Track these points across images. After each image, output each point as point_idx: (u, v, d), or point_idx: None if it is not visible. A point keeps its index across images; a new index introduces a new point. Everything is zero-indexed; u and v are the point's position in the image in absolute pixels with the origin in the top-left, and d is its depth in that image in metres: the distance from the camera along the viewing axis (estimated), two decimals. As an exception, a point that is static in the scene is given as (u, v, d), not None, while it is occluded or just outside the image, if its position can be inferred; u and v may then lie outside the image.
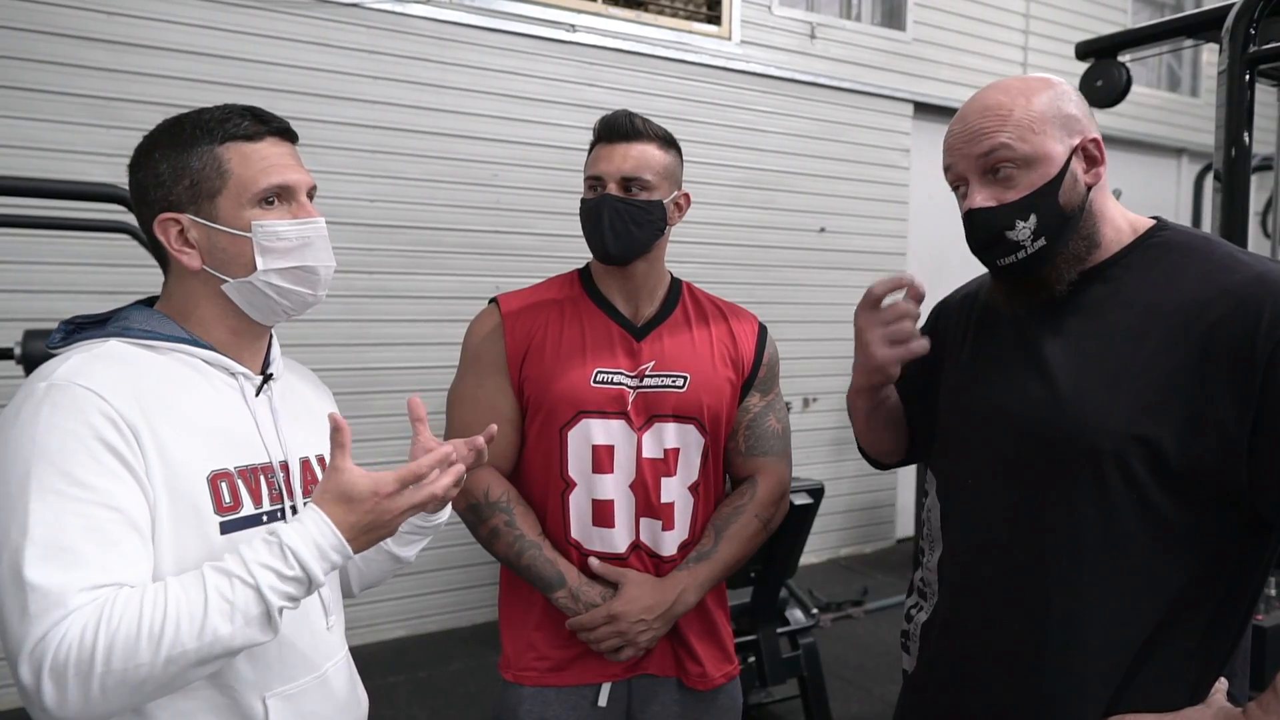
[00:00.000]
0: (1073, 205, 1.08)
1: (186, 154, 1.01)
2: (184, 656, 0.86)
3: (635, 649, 1.45)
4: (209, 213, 1.02)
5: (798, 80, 4.69)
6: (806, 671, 2.87)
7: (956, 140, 1.11)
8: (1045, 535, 1.06)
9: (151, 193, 1.03)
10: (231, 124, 1.03)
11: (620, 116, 1.48)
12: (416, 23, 3.71)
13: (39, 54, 3.07)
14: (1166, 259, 1.08)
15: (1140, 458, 1.00)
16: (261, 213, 1.03)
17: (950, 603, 1.19)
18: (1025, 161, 1.06)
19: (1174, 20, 2.71)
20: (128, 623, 0.85)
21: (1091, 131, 1.09)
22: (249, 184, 1.02)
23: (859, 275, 4.99)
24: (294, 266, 1.05)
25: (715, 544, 1.50)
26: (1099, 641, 1.04)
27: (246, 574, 0.89)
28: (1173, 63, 6.64)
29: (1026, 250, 1.08)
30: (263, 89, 3.42)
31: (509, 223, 3.95)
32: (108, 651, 0.84)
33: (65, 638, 0.84)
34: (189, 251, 1.03)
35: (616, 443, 1.46)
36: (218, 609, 0.87)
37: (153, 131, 1.05)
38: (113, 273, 3.17)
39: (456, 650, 3.69)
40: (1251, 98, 2.25)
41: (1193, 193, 5.75)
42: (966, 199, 1.11)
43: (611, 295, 1.53)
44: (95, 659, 0.83)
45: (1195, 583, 1.02)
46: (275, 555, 0.91)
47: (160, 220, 1.02)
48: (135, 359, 0.98)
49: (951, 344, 1.28)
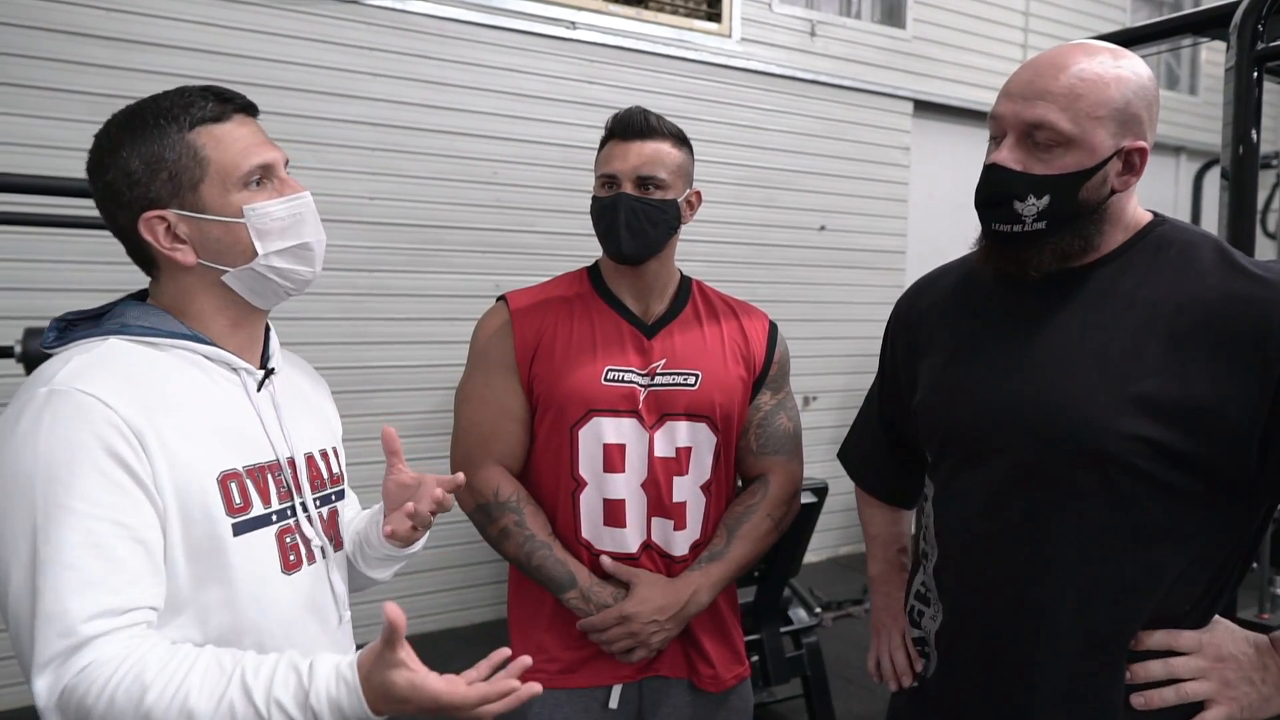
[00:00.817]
0: (1090, 202, 1.05)
1: (156, 145, 0.96)
2: None
3: (647, 650, 1.43)
4: (194, 204, 0.97)
5: (798, 78, 4.68)
6: (810, 671, 2.86)
7: (1015, 89, 1.05)
8: (1054, 537, 1.05)
9: (126, 193, 0.97)
10: (196, 108, 0.97)
11: (635, 113, 1.46)
12: (418, 20, 3.69)
13: (39, 51, 3.05)
14: (1165, 256, 1.07)
15: (1147, 457, 0.99)
16: (249, 195, 0.99)
17: (956, 608, 1.18)
18: (1068, 141, 1.02)
19: (1180, 17, 2.70)
20: (135, 690, 0.83)
21: (1145, 139, 1.05)
22: (231, 168, 0.98)
23: (859, 273, 4.99)
24: (292, 245, 1.02)
25: (727, 544, 1.49)
26: (1107, 631, 1.04)
27: (261, 703, 0.84)
28: (1171, 61, 6.65)
29: (1025, 226, 1.06)
30: (264, 86, 3.40)
31: (510, 220, 3.94)
32: (108, 707, 0.82)
33: (85, 673, 0.82)
34: (181, 248, 0.98)
35: (628, 441, 1.44)
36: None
37: (107, 129, 0.98)
38: (113, 270, 3.12)
39: (457, 650, 3.68)
40: (1259, 95, 2.24)
41: (1191, 190, 5.76)
42: (995, 151, 1.07)
43: (621, 293, 1.52)
44: (95, 712, 0.82)
45: (1195, 561, 1.03)
46: (298, 704, 0.85)
47: (145, 219, 0.97)
48: (137, 358, 0.95)
49: (925, 346, 1.26)
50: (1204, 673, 1.02)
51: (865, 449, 1.46)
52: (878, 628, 1.38)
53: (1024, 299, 1.13)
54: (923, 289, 1.33)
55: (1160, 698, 1.03)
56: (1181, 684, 1.03)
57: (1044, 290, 1.11)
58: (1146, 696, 1.03)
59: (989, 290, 1.19)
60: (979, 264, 1.17)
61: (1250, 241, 2.27)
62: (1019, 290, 1.13)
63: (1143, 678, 1.03)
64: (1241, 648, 1.04)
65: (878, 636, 1.37)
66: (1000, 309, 1.16)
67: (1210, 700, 1.02)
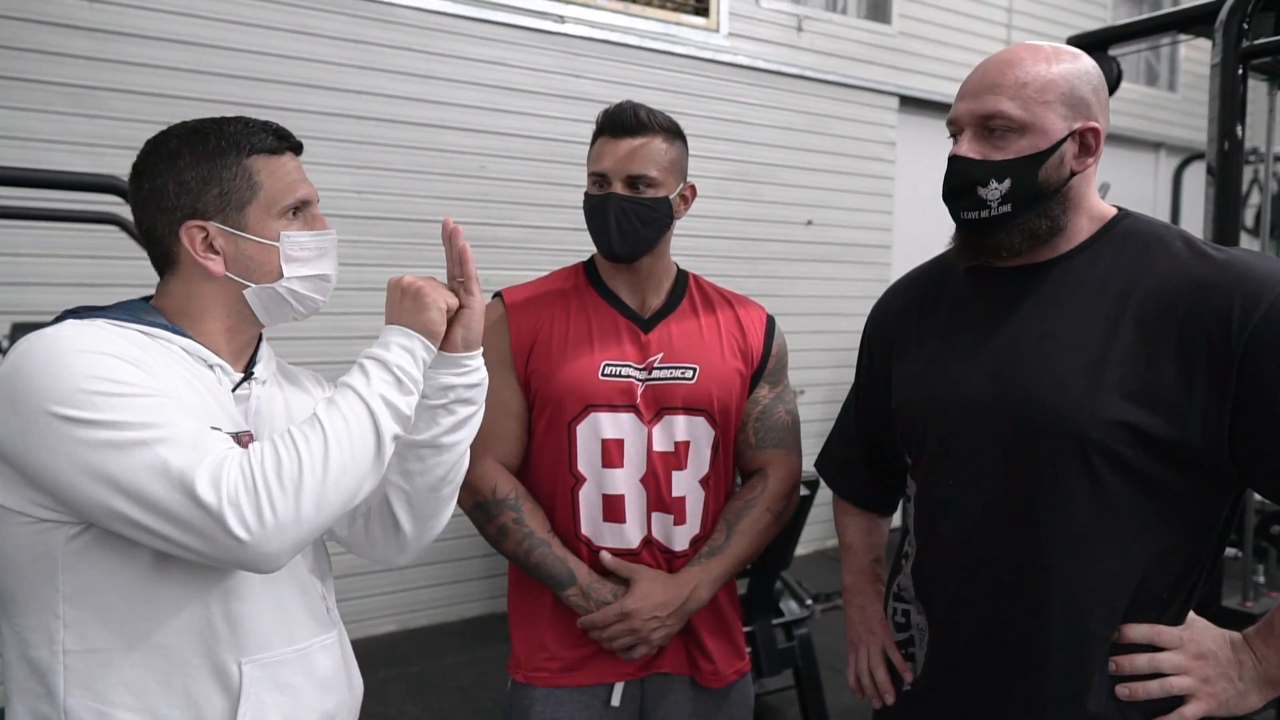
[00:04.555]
0: (1050, 183, 1.09)
1: (215, 164, 1.05)
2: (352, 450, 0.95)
3: (649, 647, 1.43)
4: (237, 222, 1.06)
5: (785, 73, 4.69)
6: (801, 662, 2.88)
7: (968, 89, 1.13)
8: (1039, 526, 1.07)
9: (174, 199, 1.04)
10: (257, 138, 1.08)
11: (625, 109, 1.44)
12: (403, 12, 3.66)
13: (19, 41, 3.00)
14: (1132, 247, 1.09)
15: (1126, 441, 1.02)
16: (287, 223, 1.09)
17: (939, 606, 1.19)
18: (1021, 127, 1.08)
19: (1166, 15, 2.72)
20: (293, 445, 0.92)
21: (1096, 120, 1.10)
22: (278, 197, 1.07)
23: (845, 267, 5.01)
24: (314, 275, 1.11)
25: (728, 538, 1.49)
26: (1100, 622, 1.06)
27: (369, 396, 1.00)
28: (1151, 58, 6.72)
29: (991, 210, 1.11)
30: (246, 78, 3.36)
31: (497, 215, 3.92)
32: (295, 461, 0.90)
33: (244, 460, 0.89)
34: (213, 258, 1.05)
35: (626, 436, 1.44)
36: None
37: (168, 138, 1.06)
38: (99, 264, 3.11)
39: (448, 645, 3.67)
40: (1244, 92, 2.27)
41: (1171, 186, 5.83)
42: (956, 145, 1.13)
43: (617, 288, 1.51)
44: (284, 467, 0.90)
45: (1170, 550, 1.06)
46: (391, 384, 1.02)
47: (187, 227, 1.04)
48: (124, 336, 0.98)
49: (901, 347, 1.29)
50: (1185, 669, 1.06)
51: (842, 457, 1.47)
52: (854, 642, 1.38)
53: (998, 293, 1.16)
54: (897, 292, 1.36)
55: (1144, 690, 1.06)
56: (1165, 678, 1.06)
57: (1017, 284, 1.14)
58: (1131, 688, 1.06)
59: (963, 287, 1.22)
60: (954, 258, 1.20)
61: (1235, 236, 2.30)
62: (992, 285, 1.17)
63: (1128, 669, 1.06)
64: (1219, 645, 1.08)
65: (855, 651, 1.37)
66: (975, 304, 1.19)
67: (1190, 695, 1.06)
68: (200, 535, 0.87)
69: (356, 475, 0.96)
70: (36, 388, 0.88)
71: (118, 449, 0.87)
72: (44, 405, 0.87)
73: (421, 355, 1.06)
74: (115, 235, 2.66)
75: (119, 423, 0.87)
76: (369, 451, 0.97)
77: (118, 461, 0.87)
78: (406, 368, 1.04)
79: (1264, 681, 1.05)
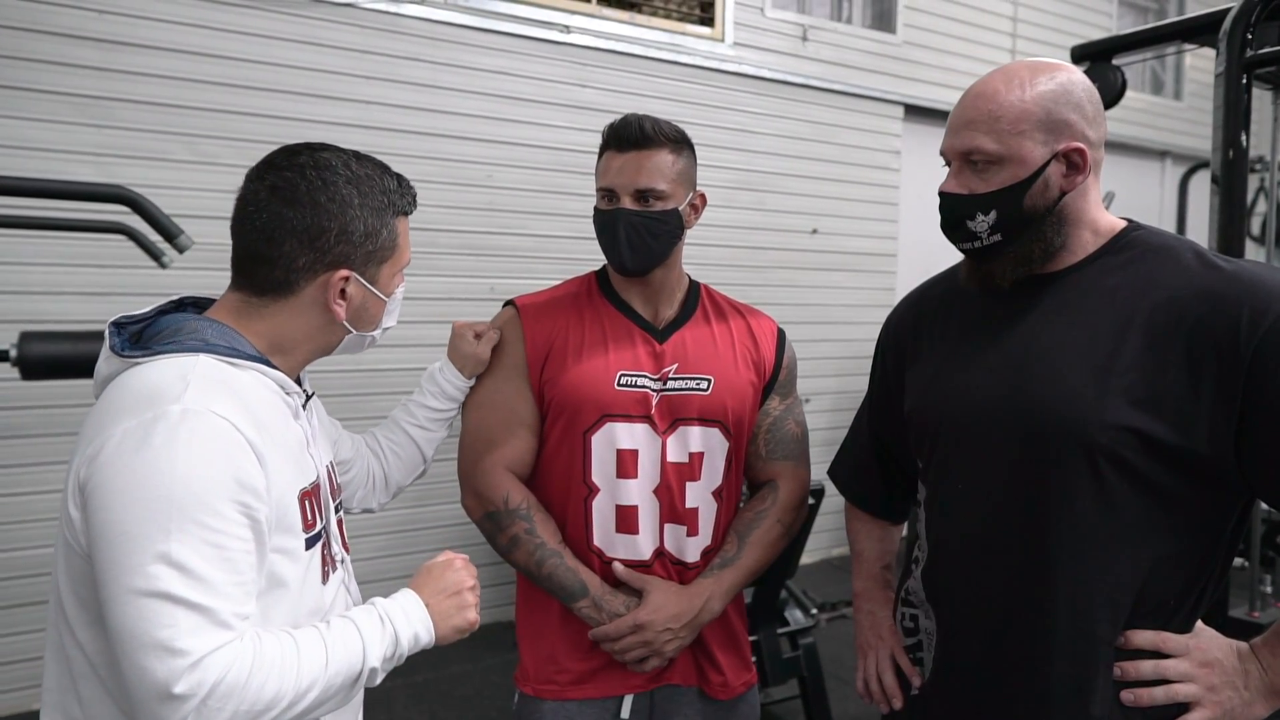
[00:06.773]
0: (1038, 209, 1.10)
1: (379, 219, 1.08)
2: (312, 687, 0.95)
3: (661, 659, 1.42)
4: (372, 276, 1.10)
5: (790, 82, 4.70)
6: (806, 672, 2.87)
7: (951, 124, 1.16)
8: (1045, 529, 1.08)
9: (333, 244, 1.05)
10: (404, 200, 1.13)
11: (630, 122, 1.43)
12: (410, 23, 3.68)
13: (27, 52, 3.01)
14: (1141, 259, 1.10)
15: (1132, 447, 1.03)
16: (398, 282, 1.15)
17: (949, 610, 1.20)
18: (999, 159, 1.09)
19: (1170, 24, 2.72)
20: (268, 664, 0.91)
21: (1080, 140, 1.09)
22: (404, 258, 1.15)
23: (851, 276, 5.01)
24: (389, 326, 1.19)
25: (739, 550, 1.48)
26: (1104, 626, 1.07)
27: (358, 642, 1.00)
28: (1156, 67, 6.72)
29: (982, 241, 1.14)
30: (254, 88, 3.38)
31: (503, 223, 3.93)
32: (259, 687, 0.89)
33: (229, 662, 0.87)
34: (342, 304, 1.08)
35: (641, 447, 1.43)
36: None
37: (335, 180, 1.05)
38: (106, 274, 3.12)
39: (453, 653, 3.66)
40: (1248, 101, 2.28)
41: (1177, 195, 5.82)
42: (945, 180, 1.17)
43: (630, 298, 1.51)
44: (249, 690, 0.88)
45: (1176, 558, 1.07)
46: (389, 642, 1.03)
47: (337, 274, 1.06)
48: (230, 377, 0.98)
49: (915, 354, 1.30)
50: (1191, 676, 1.06)
51: (855, 464, 1.48)
52: (864, 648, 1.38)
53: (1009, 303, 1.17)
54: (911, 302, 1.38)
55: (1150, 696, 1.07)
56: (1170, 685, 1.06)
57: (1028, 293, 1.15)
58: (1136, 694, 1.07)
59: (974, 297, 1.23)
60: (964, 282, 1.23)
61: (1240, 244, 2.30)
62: (1003, 295, 1.18)
63: (1133, 675, 1.07)
64: (1226, 653, 1.08)
65: (864, 657, 1.37)
66: (986, 313, 1.20)
67: (1195, 703, 1.06)
68: (145, 704, 0.87)
69: (318, 707, 0.97)
70: (152, 518, 0.87)
71: (154, 595, 0.87)
72: (153, 545, 0.87)
73: (423, 644, 1.08)
74: (124, 244, 2.66)
75: (184, 547, 0.87)
76: (338, 695, 0.99)
77: (143, 601, 0.87)
78: (406, 650, 1.06)
79: (1270, 691, 1.06)
